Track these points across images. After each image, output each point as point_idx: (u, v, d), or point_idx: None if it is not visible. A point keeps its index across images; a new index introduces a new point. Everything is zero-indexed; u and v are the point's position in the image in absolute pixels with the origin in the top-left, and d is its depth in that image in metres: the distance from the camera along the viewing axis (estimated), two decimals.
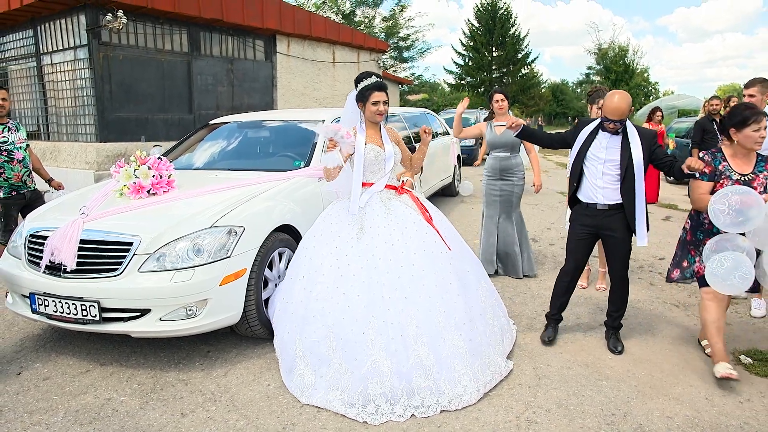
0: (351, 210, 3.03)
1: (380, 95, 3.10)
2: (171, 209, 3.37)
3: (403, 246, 2.94)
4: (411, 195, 3.26)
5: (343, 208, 3.11)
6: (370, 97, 3.09)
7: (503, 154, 4.71)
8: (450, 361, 2.77)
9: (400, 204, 3.12)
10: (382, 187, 3.13)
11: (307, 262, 3.06)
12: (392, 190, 3.20)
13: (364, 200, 3.05)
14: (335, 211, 3.16)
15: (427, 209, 3.21)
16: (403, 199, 3.18)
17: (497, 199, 4.77)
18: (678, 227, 7.00)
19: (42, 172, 4.91)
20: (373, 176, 3.13)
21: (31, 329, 3.77)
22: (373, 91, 3.09)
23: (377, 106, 3.09)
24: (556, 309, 3.50)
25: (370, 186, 3.11)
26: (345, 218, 3.06)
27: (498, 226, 4.80)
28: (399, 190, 3.23)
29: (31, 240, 3.30)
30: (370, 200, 3.07)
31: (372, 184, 3.12)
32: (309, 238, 3.18)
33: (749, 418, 2.61)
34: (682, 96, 19.61)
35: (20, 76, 10.33)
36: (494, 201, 4.78)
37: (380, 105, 3.10)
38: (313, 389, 2.77)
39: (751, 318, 3.94)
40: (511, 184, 4.73)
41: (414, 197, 3.25)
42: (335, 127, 2.96)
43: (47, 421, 2.64)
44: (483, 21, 34.37)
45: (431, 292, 2.86)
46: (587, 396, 2.81)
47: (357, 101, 3.16)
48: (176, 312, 2.98)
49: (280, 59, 12.02)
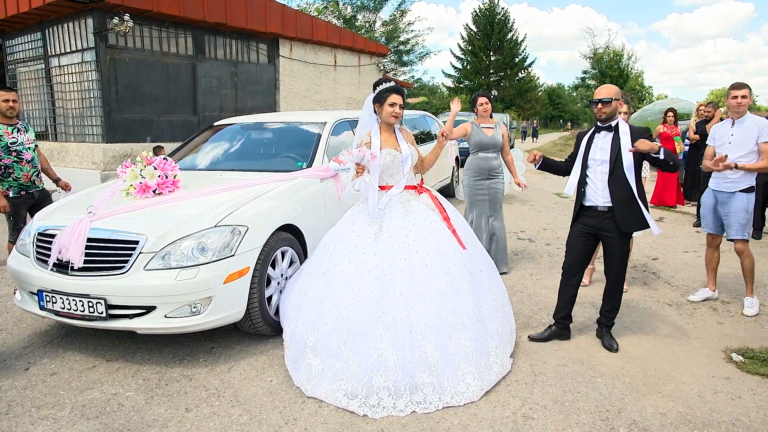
0: (371, 213, 3.12)
1: (397, 98, 3.21)
2: (176, 209, 3.43)
3: (418, 246, 3.02)
4: (430, 194, 3.34)
5: (364, 210, 3.20)
6: (387, 98, 3.20)
7: (491, 154, 4.90)
8: (455, 359, 2.83)
9: (419, 205, 3.21)
10: (401, 190, 3.21)
11: (327, 258, 3.16)
12: (412, 191, 3.28)
13: (384, 203, 3.14)
14: (356, 212, 3.26)
15: (445, 209, 3.29)
16: (422, 198, 3.27)
17: (485, 198, 4.91)
18: (671, 229, 7.04)
19: (50, 173, 4.99)
20: (392, 179, 3.22)
21: (39, 326, 3.83)
22: (391, 93, 3.20)
23: (393, 107, 3.20)
24: (560, 313, 3.52)
25: (389, 189, 3.19)
26: (365, 219, 3.16)
27: (488, 225, 4.93)
28: (419, 189, 3.31)
29: (39, 238, 3.36)
30: (390, 202, 3.16)
31: (391, 187, 3.20)
32: (330, 237, 3.28)
33: (740, 415, 2.66)
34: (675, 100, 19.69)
35: (29, 78, 10.43)
36: (481, 200, 4.92)
37: (396, 107, 3.20)
38: (319, 379, 2.85)
39: (742, 316, 3.99)
40: (496, 182, 4.93)
41: (433, 196, 3.34)
42: (361, 152, 3.04)
43: (54, 416, 2.69)
44: (481, 26, 34.48)
45: (442, 291, 2.93)
46: (582, 393, 2.87)
47: (374, 102, 3.26)
48: (181, 309, 3.04)
49: (283, 62, 12.11)
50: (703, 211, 4.26)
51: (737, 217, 3.94)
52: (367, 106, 3.32)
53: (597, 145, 3.32)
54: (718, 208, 4.09)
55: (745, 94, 3.91)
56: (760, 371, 3.08)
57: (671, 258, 5.62)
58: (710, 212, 4.17)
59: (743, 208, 3.93)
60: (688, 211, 8.15)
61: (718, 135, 4.09)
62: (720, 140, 4.06)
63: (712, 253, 4.29)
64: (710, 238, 4.27)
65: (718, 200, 4.07)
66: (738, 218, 3.94)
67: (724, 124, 4.09)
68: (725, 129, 4.05)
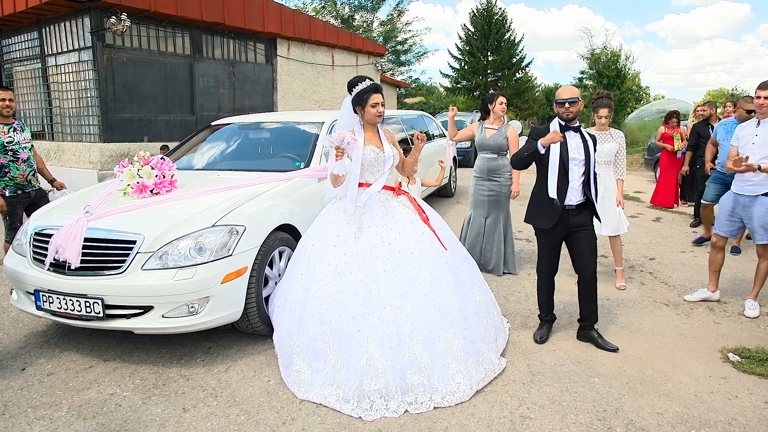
0: (347, 210, 3.07)
1: (378, 97, 3.14)
2: (173, 208, 3.43)
3: (400, 245, 2.98)
4: (408, 196, 3.31)
5: (341, 208, 3.15)
6: (368, 99, 3.12)
7: (490, 155, 4.87)
8: (444, 359, 2.82)
9: (397, 204, 3.17)
10: (380, 187, 3.16)
11: (305, 260, 3.11)
12: (390, 191, 3.24)
13: (362, 200, 3.10)
14: (334, 210, 3.20)
15: (424, 210, 3.26)
16: (400, 200, 3.23)
17: (486, 199, 4.90)
18: (668, 229, 7.06)
19: (45, 172, 4.98)
20: (372, 177, 3.17)
21: (36, 326, 3.83)
22: (371, 94, 3.12)
23: (377, 108, 3.13)
24: (547, 310, 3.58)
25: (369, 186, 3.15)
26: (343, 218, 3.10)
27: (485, 226, 4.93)
28: (396, 191, 3.28)
29: (36, 238, 3.35)
30: (368, 200, 3.11)
31: (370, 184, 3.16)
32: (308, 237, 3.23)
33: (737, 415, 2.67)
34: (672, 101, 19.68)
35: (25, 77, 10.41)
36: (483, 201, 4.91)
37: (379, 107, 3.14)
38: (309, 385, 2.83)
39: (739, 317, 4.00)
40: (498, 185, 4.88)
41: (411, 198, 3.30)
42: (340, 135, 2.97)
43: (51, 416, 2.68)
44: (478, 26, 34.45)
45: (427, 290, 2.91)
46: (580, 392, 2.87)
47: (354, 105, 3.18)
48: (178, 309, 3.03)
49: (281, 62, 12.10)
50: (720, 213, 4.15)
51: (761, 221, 3.86)
52: (345, 109, 3.23)
53: (571, 145, 3.32)
54: (737, 211, 4.02)
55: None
56: (757, 371, 3.09)
57: (668, 258, 5.63)
58: (726, 214, 4.08)
59: (766, 212, 3.83)
60: (684, 211, 8.17)
61: (742, 135, 4.02)
62: (744, 140, 3.98)
63: (716, 254, 4.21)
64: (716, 239, 4.18)
65: (739, 203, 3.99)
66: (761, 223, 3.86)
67: (749, 125, 4.01)
68: (750, 129, 3.97)
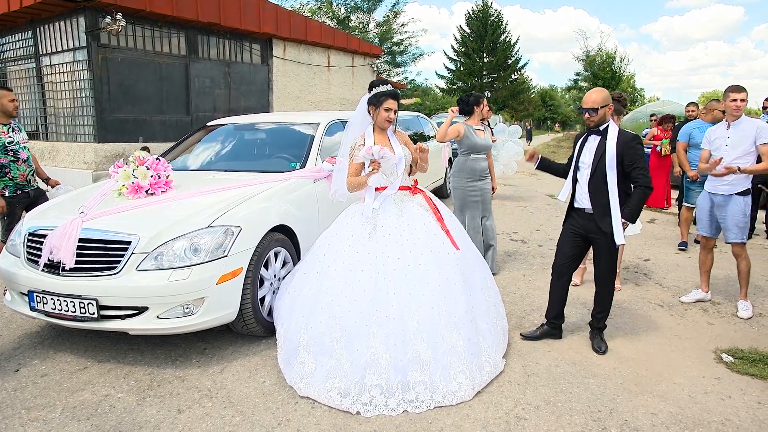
0: (365, 213, 3.13)
1: (393, 103, 3.19)
2: (169, 209, 3.42)
3: (412, 246, 3.03)
4: (424, 195, 3.35)
5: (358, 211, 3.20)
6: (383, 103, 3.17)
7: (481, 156, 4.98)
8: (447, 359, 2.84)
9: (413, 205, 3.21)
10: (396, 190, 3.21)
11: (321, 258, 3.16)
12: (407, 191, 3.27)
13: (379, 203, 3.15)
14: (351, 212, 3.26)
15: (439, 209, 3.30)
16: (416, 199, 3.27)
17: (478, 200, 4.97)
18: (662, 230, 7.10)
19: (39, 172, 4.95)
20: (386, 180, 3.22)
21: (30, 326, 3.81)
22: (387, 98, 3.17)
23: (389, 113, 3.18)
24: (551, 313, 3.56)
25: (384, 190, 3.19)
26: (359, 219, 3.16)
27: (482, 226, 4.99)
28: (413, 190, 3.31)
29: (30, 238, 3.34)
30: (384, 202, 3.16)
31: (385, 188, 3.20)
32: (325, 237, 3.28)
33: (730, 415, 2.69)
34: (666, 102, 19.80)
35: (19, 77, 10.34)
36: (475, 202, 4.97)
37: (391, 113, 3.19)
38: (311, 377, 2.86)
39: (732, 317, 4.03)
40: (486, 184, 5.04)
41: (427, 197, 3.34)
42: (379, 150, 3.05)
43: (45, 417, 2.67)
44: (474, 27, 34.58)
45: (435, 290, 2.94)
46: (574, 393, 2.88)
47: (369, 104, 3.23)
48: (173, 310, 3.03)
49: (276, 63, 12.09)
50: (699, 214, 4.26)
51: (735, 220, 3.94)
52: (362, 106, 3.29)
53: (587, 149, 3.36)
54: (714, 210, 4.10)
55: (743, 97, 3.93)
56: (750, 371, 3.11)
57: (662, 259, 5.66)
58: (706, 215, 4.17)
59: (740, 211, 3.93)
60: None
61: (714, 138, 4.10)
62: (716, 143, 4.06)
63: (705, 255, 4.30)
64: (704, 240, 4.28)
65: (714, 203, 4.08)
66: (735, 221, 3.94)
67: (718, 127, 4.10)
68: (721, 131, 4.06)
